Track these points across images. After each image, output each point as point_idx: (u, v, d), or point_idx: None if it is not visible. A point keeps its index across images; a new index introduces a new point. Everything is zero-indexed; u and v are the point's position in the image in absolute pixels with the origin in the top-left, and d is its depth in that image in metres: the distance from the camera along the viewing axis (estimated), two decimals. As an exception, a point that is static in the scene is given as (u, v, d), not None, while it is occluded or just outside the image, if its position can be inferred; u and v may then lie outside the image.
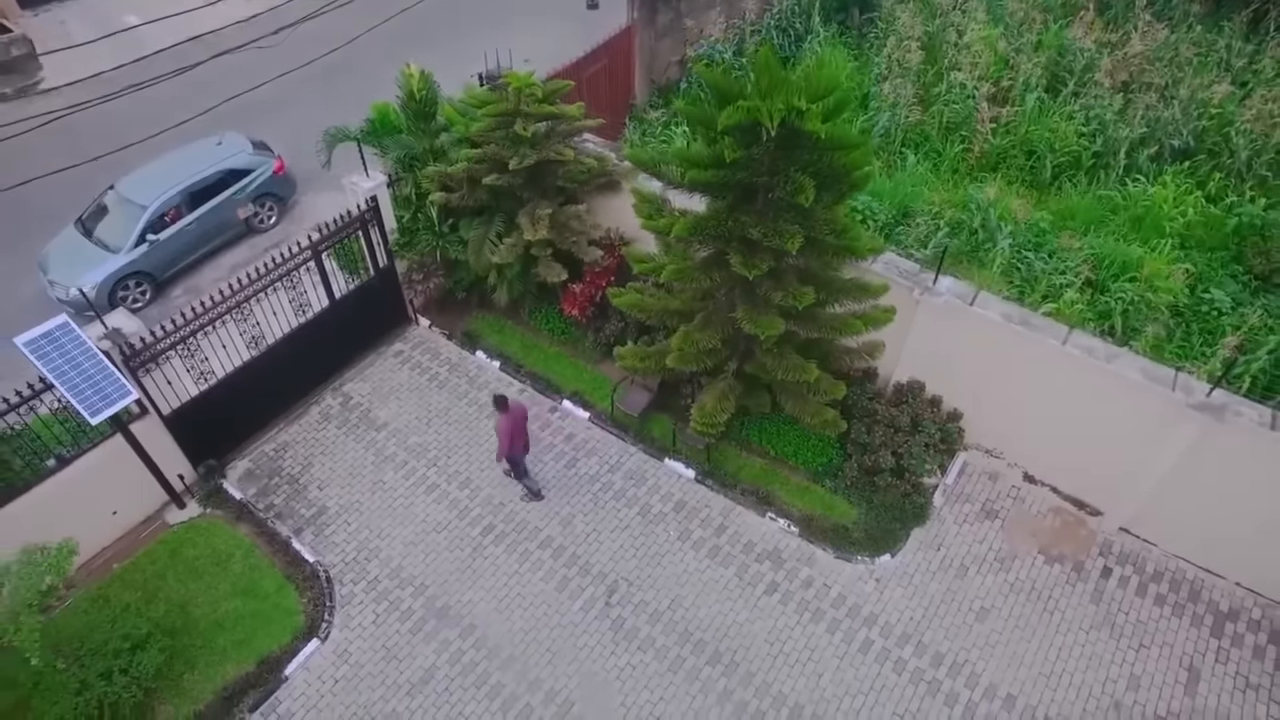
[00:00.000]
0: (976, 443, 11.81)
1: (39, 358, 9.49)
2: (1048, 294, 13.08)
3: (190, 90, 14.19)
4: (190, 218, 14.81)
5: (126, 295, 14.36)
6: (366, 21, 14.90)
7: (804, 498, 11.55)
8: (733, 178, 8.34)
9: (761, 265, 8.30)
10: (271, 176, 15.78)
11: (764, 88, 8.19)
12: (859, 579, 10.78)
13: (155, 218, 14.39)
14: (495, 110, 11.01)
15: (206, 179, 14.95)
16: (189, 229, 14.84)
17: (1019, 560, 10.82)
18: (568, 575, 10.86)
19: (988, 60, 16.51)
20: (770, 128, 7.51)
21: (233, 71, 14.97)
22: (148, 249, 14.34)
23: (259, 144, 15.96)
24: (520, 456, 11.22)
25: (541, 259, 12.02)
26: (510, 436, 10.76)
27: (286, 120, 17.49)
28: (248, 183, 15.46)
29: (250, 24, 13.69)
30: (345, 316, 12.72)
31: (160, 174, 14.74)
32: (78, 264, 14.15)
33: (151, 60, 19.84)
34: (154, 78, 10.99)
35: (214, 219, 15.17)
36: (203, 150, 15.30)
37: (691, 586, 10.74)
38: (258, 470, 12.11)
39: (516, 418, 10.79)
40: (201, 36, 18.26)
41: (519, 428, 10.89)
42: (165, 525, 11.52)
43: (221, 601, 10.67)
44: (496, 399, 10.58)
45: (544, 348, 13.44)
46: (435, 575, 10.89)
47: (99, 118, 13.43)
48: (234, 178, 15.30)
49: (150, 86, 11.12)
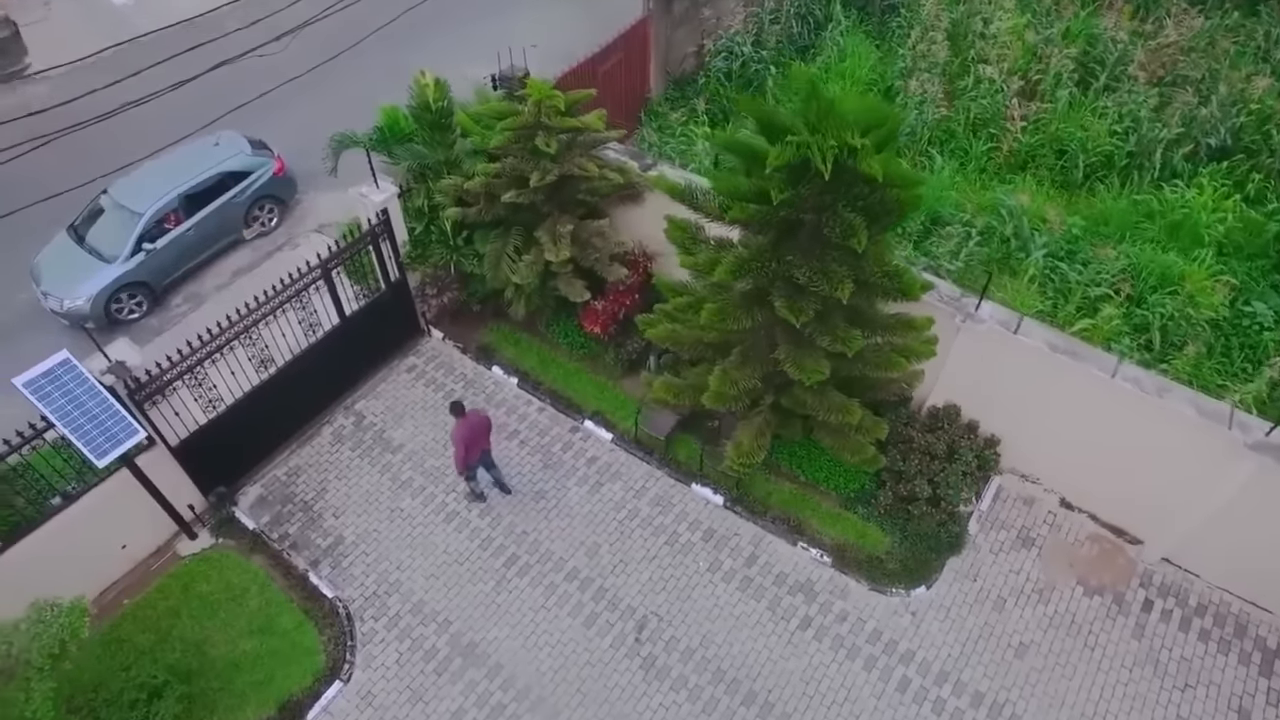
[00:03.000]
0: (1012, 467, 11.48)
1: (40, 399, 9.00)
2: (1082, 307, 12.69)
3: (193, 94, 13.33)
4: (188, 223, 14.12)
5: (121, 307, 13.75)
6: (368, 21, 14.08)
7: (836, 525, 11.23)
8: (776, 214, 7.82)
9: (808, 310, 7.83)
10: (272, 178, 15.06)
11: (811, 119, 7.63)
12: (894, 612, 10.51)
13: (151, 225, 13.72)
14: (515, 124, 10.40)
15: (204, 182, 14.22)
16: (187, 235, 14.15)
17: (1057, 591, 10.56)
18: (596, 610, 10.54)
19: (1016, 52, 15.87)
20: (825, 170, 6.97)
21: (236, 72, 14.14)
22: (144, 258, 13.68)
23: (257, 143, 15.21)
24: (475, 462, 10.91)
25: (562, 276, 11.51)
26: (466, 445, 10.44)
27: (283, 117, 16.67)
28: (247, 185, 14.75)
29: (242, 7, 12.81)
30: (356, 332, 12.21)
31: (155, 177, 13.99)
32: (71, 275, 13.50)
33: (144, 46, 19.10)
34: (153, 92, 10.29)
35: (213, 224, 14.47)
36: (199, 151, 14.54)
37: (723, 621, 10.45)
38: (270, 497, 11.70)
39: (475, 426, 10.49)
40: (193, 20, 17.49)
41: (478, 436, 10.57)
42: (176, 557, 11.13)
43: (238, 640, 10.33)
44: (453, 405, 10.34)
45: (562, 363, 12.97)
46: (459, 610, 10.56)
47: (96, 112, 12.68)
48: (233, 180, 14.58)
49: (151, 99, 10.40)
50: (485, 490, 11.48)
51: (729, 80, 16.16)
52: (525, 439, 12.19)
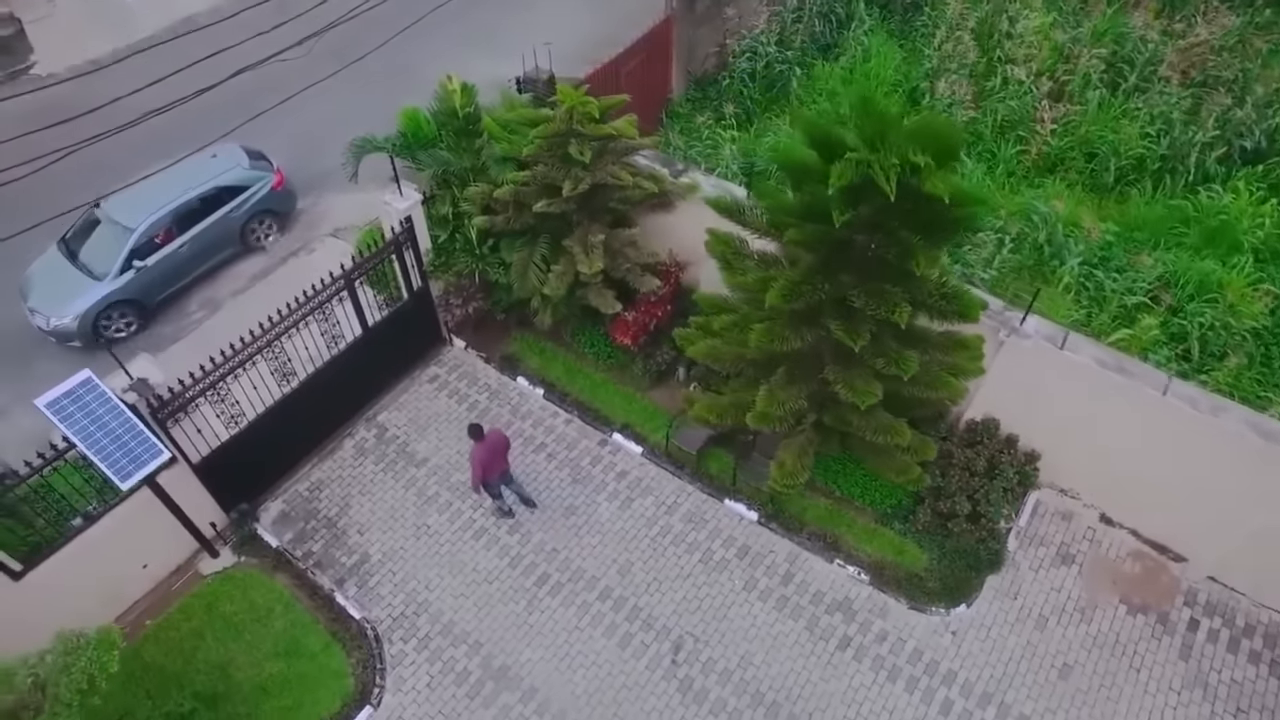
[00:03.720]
0: (1051, 481, 11.26)
1: (62, 420, 8.71)
2: (1118, 315, 12.45)
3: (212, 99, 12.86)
4: (181, 240, 13.55)
5: (110, 325, 13.17)
6: (391, 21, 13.63)
7: (872, 541, 11.01)
8: (832, 234, 7.53)
9: (864, 334, 7.57)
10: (270, 192, 14.47)
11: (868, 135, 7.34)
12: (935, 632, 10.30)
13: (142, 241, 13.16)
14: (547, 132, 10.08)
15: (198, 197, 13.67)
16: (180, 252, 13.58)
17: (1100, 610, 10.36)
18: (630, 630, 10.31)
19: (1045, 52, 15.57)
20: (890, 190, 6.69)
21: (256, 76, 13.72)
22: (134, 276, 13.10)
23: (255, 154, 14.61)
24: (495, 481, 10.68)
25: (592, 286, 11.21)
26: (484, 466, 10.22)
27: (292, 119, 16.26)
28: (244, 199, 14.17)
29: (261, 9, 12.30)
30: (378, 342, 11.91)
31: (149, 192, 13.24)
32: (59, 291, 12.96)
33: (163, 51, 18.69)
34: (170, 103, 9.92)
35: (208, 239, 13.90)
36: (196, 164, 13.80)
37: (761, 642, 10.24)
38: (292, 513, 11.43)
39: (493, 447, 10.27)
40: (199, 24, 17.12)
41: (496, 457, 10.37)
42: (198, 576, 10.86)
43: (265, 663, 10.08)
44: (472, 427, 10.11)
45: (589, 373, 12.70)
46: (490, 631, 10.32)
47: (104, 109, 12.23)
48: (229, 194, 14.01)
49: (173, 107, 10.04)
50: (512, 506, 11.23)
51: (752, 81, 15.83)
52: (553, 452, 11.92)
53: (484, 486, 10.68)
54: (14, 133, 9.95)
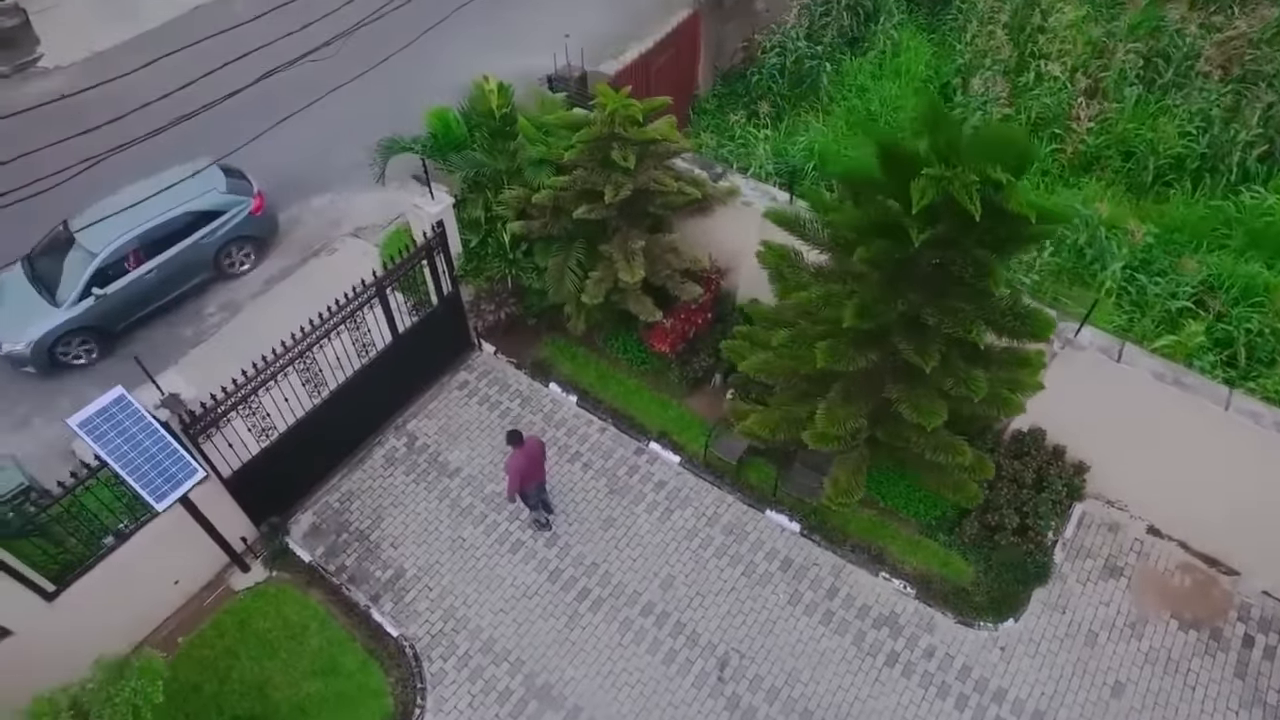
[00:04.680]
0: (1098, 492, 11.07)
1: (96, 439, 8.42)
2: (1161, 321, 12.23)
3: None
4: (147, 266, 12.68)
5: (68, 352, 12.41)
6: (416, 19, 13.18)
7: (917, 553, 10.81)
8: (904, 251, 7.26)
9: (935, 355, 7.31)
10: (248, 218, 13.52)
11: (941, 149, 7.05)
12: (983, 647, 10.13)
13: (105, 266, 12.32)
14: (589, 137, 9.75)
15: (169, 222, 12.72)
16: (147, 278, 12.72)
17: (1150, 625, 10.19)
18: (675, 647, 10.12)
19: (1080, 47, 15.26)
20: (975, 210, 6.41)
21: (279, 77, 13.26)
22: (93, 303, 12.27)
23: (235, 173, 13.64)
24: (532, 490, 10.47)
25: (631, 293, 10.92)
26: (522, 474, 9.97)
27: (306, 116, 15.94)
28: (218, 225, 13.23)
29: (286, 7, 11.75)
30: (407, 348, 11.62)
31: (116, 213, 12.11)
32: (15, 314, 12.21)
33: (179, 50, 18.19)
34: (200, 107, 9.53)
35: (177, 266, 13.00)
36: (171, 183, 12.52)
37: (807, 658, 10.05)
38: (323, 525, 11.17)
39: (532, 454, 10.02)
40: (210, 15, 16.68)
41: (534, 466, 10.13)
42: (230, 591, 10.61)
43: (301, 682, 9.86)
44: (511, 434, 9.82)
45: (623, 379, 12.43)
46: (530, 649, 10.11)
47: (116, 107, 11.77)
48: (203, 219, 13.09)
49: (196, 115, 9.65)
50: (550, 519, 11.00)
51: (781, 76, 15.48)
52: (588, 462, 11.68)
53: (520, 495, 10.46)
54: (35, 132, 9.54)
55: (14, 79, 17.13)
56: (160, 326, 13.47)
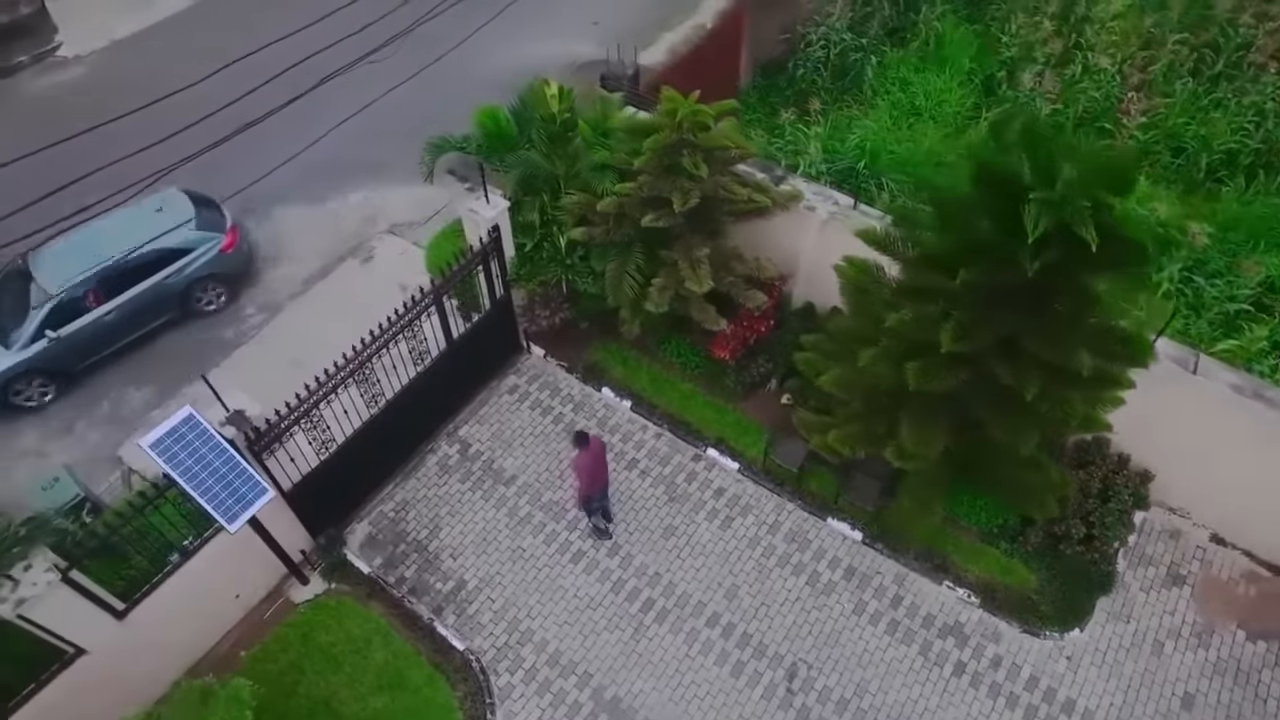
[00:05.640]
0: (1159, 499, 11.03)
1: (168, 460, 8.23)
2: (1218, 323, 12.13)
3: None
4: (107, 307, 12.00)
5: (21, 393, 11.81)
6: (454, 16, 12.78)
7: (979, 561, 10.77)
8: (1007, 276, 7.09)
9: (1035, 382, 7.18)
10: (218, 255, 12.78)
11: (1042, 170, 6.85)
12: (1049, 657, 10.12)
13: (62, 306, 11.68)
14: (658, 144, 9.51)
15: (131, 261, 11.98)
16: (106, 319, 12.05)
17: (1217, 635, 10.20)
18: (742, 658, 10.07)
19: (1131, 39, 15.00)
20: (1092, 239, 6.25)
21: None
22: (45, 345, 11.63)
23: (208, 204, 13.00)
24: (599, 494, 10.42)
25: (694, 301, 10.73)
26: (590, 476, 9.90)
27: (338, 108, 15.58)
28: (185, 264, 12.52)
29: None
30: (459, 353, 11.44)
31: (79, 250, 11.75)
32: None
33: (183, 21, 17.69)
34: (265, 113, 9.25)
35: (139, 306, 12.30)
36: (137, 219, 12.15)
37: (875, 669, 10.03)
38: (380, 536, 11.05)
39: (597, 454, 9.95)
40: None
41: (600, 466, 10.05)
42: (290, 604, 10.50)
43: (369, 697, 9.79)
44: (577, 435, 9.73)
45: (676, 384, 12.27)
46: (597, 661, 10.05)
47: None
48: (170, 257, 12.35)
49: (261, 122, 9.37)
50: (610, 527, 10.92)
51: (824, 69, 15.19)
52: (646, 469, 11.56)
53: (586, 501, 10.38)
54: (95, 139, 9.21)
55: (33, 69, 16.69)
56: (198, 329, 13.28)
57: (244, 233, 13.49)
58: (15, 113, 15.95)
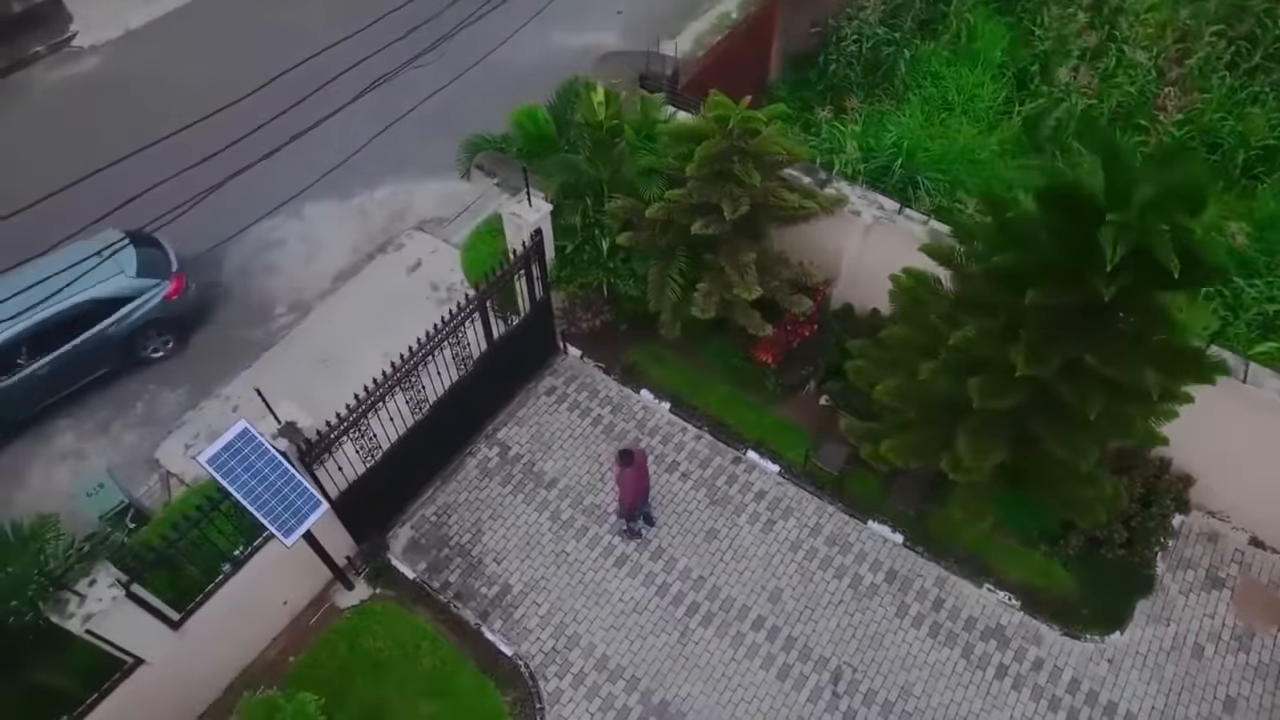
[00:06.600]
0: (1199, 503, 11.09)
1: (224, 476, 8.21)
2: (1256, 324, 12.11)
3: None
4: (38, 364, 11.39)
5: None
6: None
7: (1019, 564, 10.85)
8: (1077, 296, 7.06)
9: (1099, 401, 7.17)
10: (162, 302, 12.09)
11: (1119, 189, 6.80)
12: (1090, 660, 10.23)
13: None
14: (710, 150, 9.41)
15: (65, 311, 11.27)
16: (39, 373, 11.42)
17: (1258, 639, 10.31)
18: (788, 661, 10.16)
19: (1166, 31, 14.81)
20: (1174, 266, 6.21)
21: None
22: None
23: (153, 246, 12.18)
24: (642, 504, 10.58)
25: (739, 305, 10.69)
26: (636, 488, 10.00)
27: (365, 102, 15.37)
28: (126, 314, 11.83)
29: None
30: (499, 356, 11.40)
31: (9, 299, 10.39)
32: None
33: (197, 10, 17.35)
34: (313, 123, 9.10)
35: (76, 358, 11.69)
36: (72, 262, 10.41)
37: (919, 671, 10.13)
38: (423, 540, 11.07)
39: (642, 469, 10.04)
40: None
41: (644, 478, 10.17)
42: (335, 610, 10.54)
43: (419, 703, 9.86)
44: (621, 453, 9.82)
45: (715, 385, 12.25)
46: (645, 665, 10.13)
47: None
48: (109, 307, 11.67)
49: (309, 132, 9.22)
50: (640, 528, 10.95)
51: (856, 63, 15.01)
52: (686, 471, 11.58)
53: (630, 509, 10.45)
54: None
55: (49, 60, 16.42)
56: (231, 328, 13.21)
57: (190, 277, 12.64)
58: (34, 107, 15.75)
